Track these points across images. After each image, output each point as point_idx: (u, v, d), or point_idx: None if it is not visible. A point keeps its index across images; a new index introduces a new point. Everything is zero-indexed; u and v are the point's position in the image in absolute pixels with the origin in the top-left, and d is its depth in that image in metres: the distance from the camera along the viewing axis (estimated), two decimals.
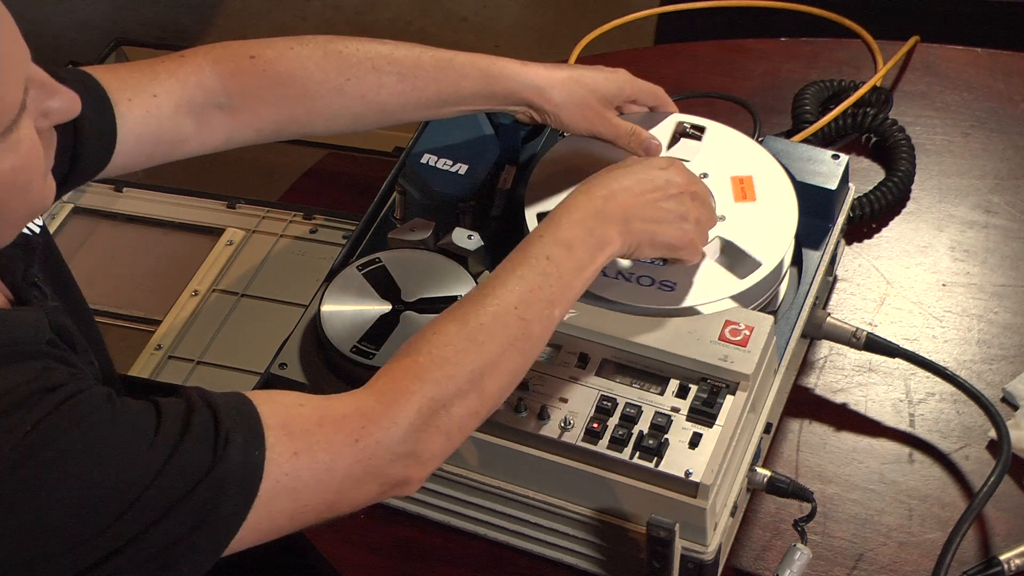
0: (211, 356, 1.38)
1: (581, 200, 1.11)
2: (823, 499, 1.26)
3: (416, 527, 1.26)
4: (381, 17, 2.86)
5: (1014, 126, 1.58)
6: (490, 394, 1.03)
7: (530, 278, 1.06)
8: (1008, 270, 1.44)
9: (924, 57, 1.66)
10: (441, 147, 1.33)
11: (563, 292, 1.07)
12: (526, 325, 1.05)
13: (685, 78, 1.65)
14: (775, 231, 1.24)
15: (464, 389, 1.01)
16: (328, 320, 1.20)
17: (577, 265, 1.08)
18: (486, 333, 1.03)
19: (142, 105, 1.15)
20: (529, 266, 1.07)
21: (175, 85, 1.17)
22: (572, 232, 1.09)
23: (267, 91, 1.20)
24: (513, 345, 1.04)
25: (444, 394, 1.01)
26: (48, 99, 0.92)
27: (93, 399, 0.91)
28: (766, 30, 1.76)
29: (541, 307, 1.06)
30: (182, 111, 1.17)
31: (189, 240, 1.51)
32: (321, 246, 1.47)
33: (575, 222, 1.10)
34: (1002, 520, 1.25)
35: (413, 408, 0.99)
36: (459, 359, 1.02)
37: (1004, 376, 1.35)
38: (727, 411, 1.13)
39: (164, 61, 1.18)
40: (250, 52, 1.20)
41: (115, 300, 1.44)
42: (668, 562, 1.14)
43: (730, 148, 1.31)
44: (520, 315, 1.04)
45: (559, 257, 1.07)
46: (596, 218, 1.10)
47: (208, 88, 1.18)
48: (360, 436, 0.98)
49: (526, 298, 1.05)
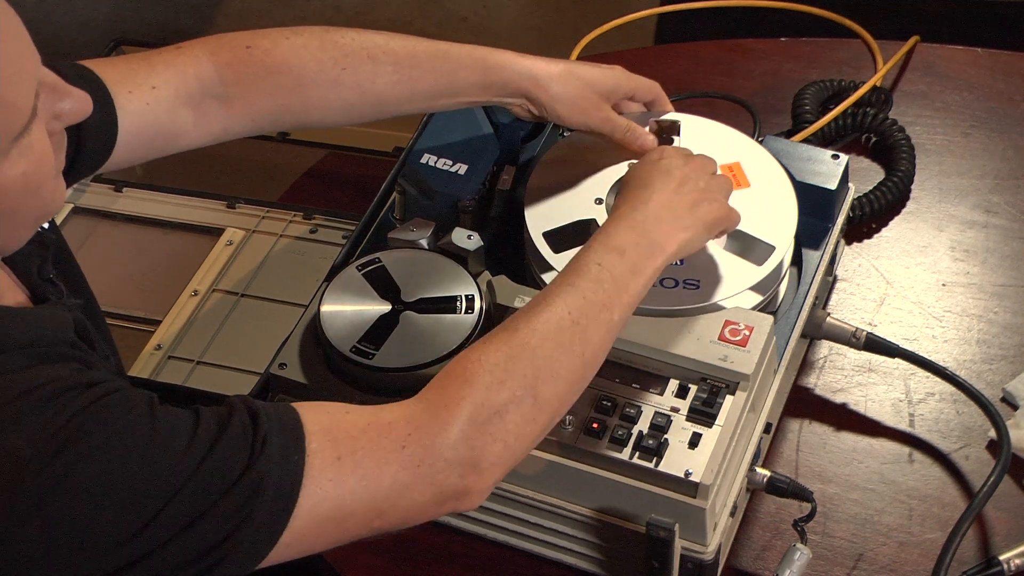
0: (211, 356, 1.38)
1: (625, 210, 1.11)
2: (823, 499, 1.26)
3: (416, 527, 1.25)
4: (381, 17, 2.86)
5: (1014, 126, 1.58)
6: (547, 400, 1.01)
7: (581, 284, 1.05)
8: (1008, 270, 1.44)
9: (924, 57, 1.66)
10: (441, 147, 1.33)
11: (618, 295, 1.06)
12: (581, 330, 1.03)
13: (685, 78, 1.65)
14: (777, 213, 1.24)
15: (518, 395, 0.99)
16: (328, 320, 1.20)
17: (631, 268, 1.07)
18: (538, 338, 1.02)
19: (141, 97, 1.15)
20: (579, 274, 1.06)
21: (173, 76, 1.17)
22: (623, 237, 1.09)
23: (263, 80, 1.20)
24: (569, 350, 1.03)
25: (496, 400, 0.99)
26: (59, 101, 0.92)
27: (131, 398, 0.90)
28: (766, 30, 1.76)
29: (596, 311, 1.04)
30: (180, 102, 1.17)
31: (189, 240, 1.51)
32: (321, 246, 1.47)
33: (624, 228, 1.09)
34: (1002, 520, 1.25)
35: (463, 414, 0.97)
36: (509, 365, 1.00)
37: (1004, 376, 1.35)
38: (727, 411, 1.13)
39: (161, 53, 1.18)
40: (246, 42, 1.20)
41: (115, 300, 1.43)
42: (668, 562, 1.14)
43: (708, 140, 1.31)
44: (573, 320, 1.03)
45: (610, 262, 1.07)
46: (645, 223, 1.10)
47: (205, 79, 1.18)
48: (407, 442, 0.96)
49: (579, 304, 1.04)
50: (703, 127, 1.32)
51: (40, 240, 1.03)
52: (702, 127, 1.32)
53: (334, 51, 1.21)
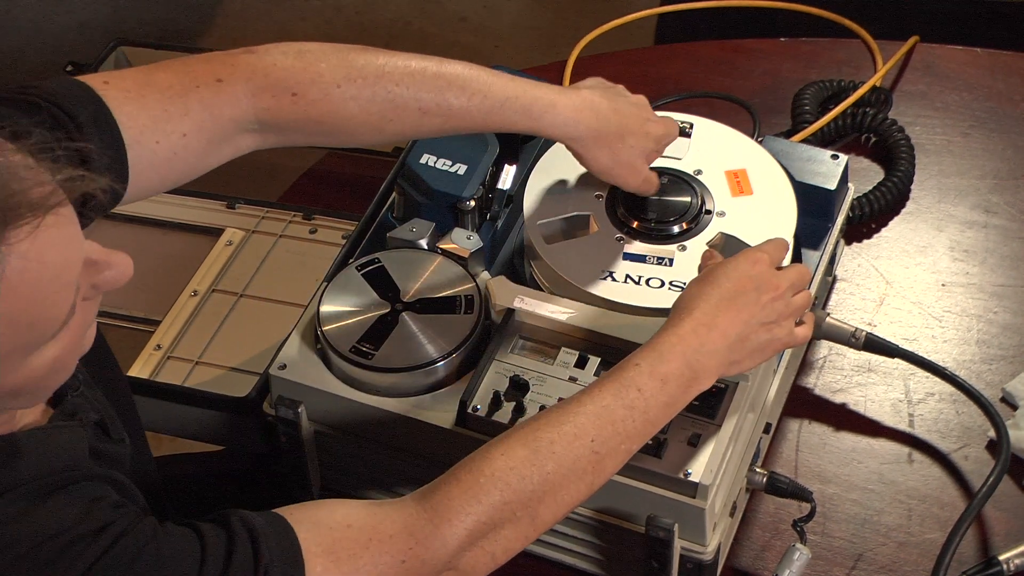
0: (210, 356, 1.38)
1: (687, 328, 1.06)
2: (822, 499, 1.26)
3: None
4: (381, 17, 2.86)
5: (1014, 126, 1.58)
6: (543, 521, 1.01)
7: (615, 409, 1.02)
8: (1008, 270, 1.44)
9: (924, 57, 1.66)
10: (441, 147, 1.33)
11: (645, 429, 1.04)
12: (598, 459, 1.01)
13: (685, 78, 1.65)
14: (776, 216, 1.24)
15: (518, 515, 0.99)
16: (327, 320, 1.20)
17: (668, 401, 1.05)
18: (555, 462, 1.00)
19: (170, 147, 1.08)
20: (616, 395, 1.03)
21: (207, 121, 1.09)
22: (672, 366, 1.04)
23: (304, 127, 1.14)
24: (580, 478, 1.01)
25: (498, 518, 0.98)
26: (99, 275, 0.88)
27: (140, 538, 0.89)
28: (766, 30, 1.76)
29: (618, 442, 1.02)
30: (212, 145, 1.11)
31: (189, 240, 1.51)
32: (321, 246, 1.47)
33: (676, 355, 1.05)
34: (1001, 520, 1.25)
35: (465, 531, 0.97)
36: (521, 485, 0.99)
37: (1003, 376, 1.35)
38: (726, 411, 1.13)
39: (200, 88, 1.09)
40: (293, 88, 1.11)
41: (115, 300, 1.43)
42: (667, 562, 1.14)
43: (720, 143, 1.31)
44: (594, 448, 1.01)
45: (650, 390, 1.03)
46: (699, 353, 1.06)
47: (242, 121, 1.11)
48: (407, 557, 0.96)
49: (605, 431, 1.02)
50: (703, 128, 1.33)
51: None
52: (702, 128, 1.33)
53: (384, 104, 1.13)
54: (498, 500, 0.98)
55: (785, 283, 1.11)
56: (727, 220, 1.25)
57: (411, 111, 1.15)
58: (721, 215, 1.25)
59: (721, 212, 1.25)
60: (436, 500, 0.98)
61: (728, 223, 1.24)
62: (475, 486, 0.98)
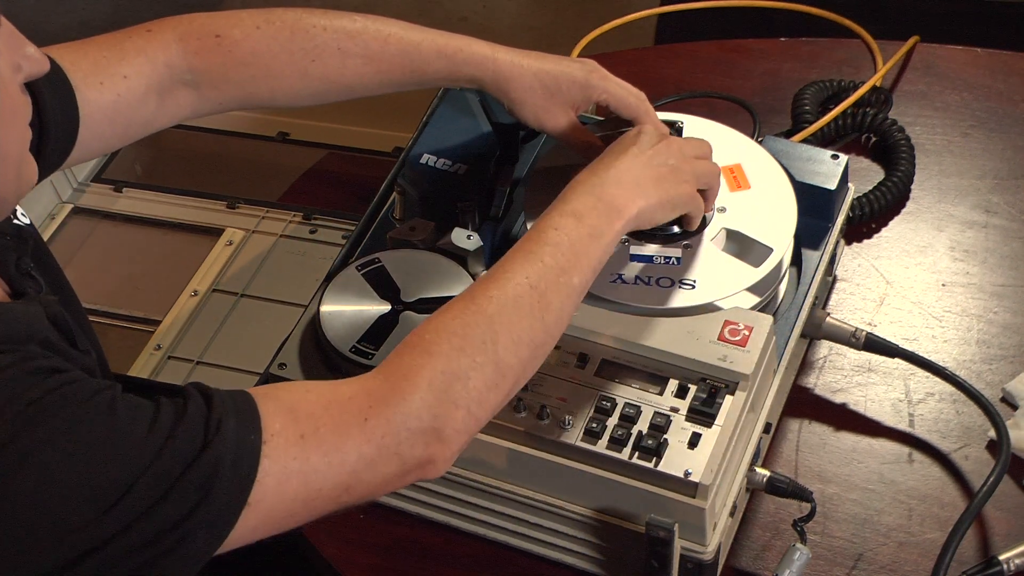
0: (211, 356, 1.38)
1: (584, 176, 1.11)
2: (822, 499, 1.26)
3: (416, 527, 1.26)
4: None
5: (1014, 126, 1.58)
6: (509, 365, 1.01)
7: (538, 250, 1.05)
8: (1008, 270, 1.44)
9: (924, 57, 1.66)
10: (441, 147, 1.33)
11: (577, 259, 1.06)
12: (539, 294, 1.03)
13: (685, 78, 1.65)
14: (776, 214, 1.24)
15: (479, 361, 0.99)
16: (327, 320, 1.20)
17: (590, 232, 1.07)
18: (496, 305, 1.01)
19: (113, 88, 1.16)
20: (537, 240, 1.06)
21: (145, 65, 1.18)
22: (580, 202, 1.08)
23: (231, 71, 1.20)
24: (528, 314, 1.02)
25: (456, 366, 0.98)
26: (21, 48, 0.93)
27: (92, 385, 0.90)
28: (766, 30, 1.76)
29: (554, 276, 1.04)
30: (152, 90, 1.18)
31: (189, 240, 1.51)
32: (321, 246, 1.47)
33: (581, 193, 1.09)
34: (1002, 520, 1.25)
35: (423, 382, 0.97)
36: (467, 331, 1.00)
37: (1004, 376, 1.35)
38: (726, 411, 1.13)
39: (132, 37, 1.19)
40: (216, 30, 1.20)
41: (115, 300, 1.44)
42: (667, 562, 1.14)
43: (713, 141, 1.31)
44: (531, 284, 1.03)
45: (568, 226, 1.06)
46: (603, 186, 1.09)
47: (175, 66, 1.19)
48: (369, 415, 0.96)
49: (536, 269, 1.04)
50: (703, 128, 1.33)
51: (18, 234, 1.03)
52: (702, 128, 1.33)
53: (305, 42, 1.21)
54: (448, 348, 0.99)
55: (679, 142, 1.16)
56: (728, 215, 1.25)
57: (331, 50, 1.21)
58: (722, 211, 1.25)
59: (721, 208, 1.25)
60: (390, 366, 0.99)
61: (729, 218, 1.24)
62: (422, 343, 0.99)
